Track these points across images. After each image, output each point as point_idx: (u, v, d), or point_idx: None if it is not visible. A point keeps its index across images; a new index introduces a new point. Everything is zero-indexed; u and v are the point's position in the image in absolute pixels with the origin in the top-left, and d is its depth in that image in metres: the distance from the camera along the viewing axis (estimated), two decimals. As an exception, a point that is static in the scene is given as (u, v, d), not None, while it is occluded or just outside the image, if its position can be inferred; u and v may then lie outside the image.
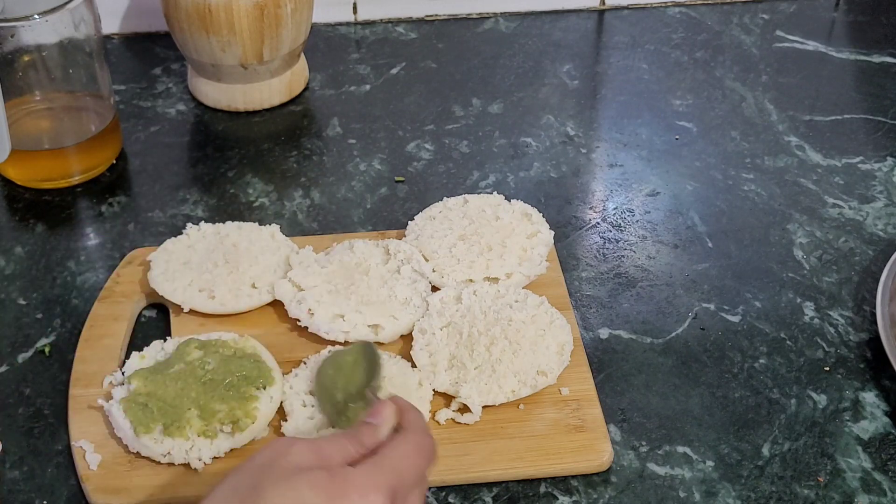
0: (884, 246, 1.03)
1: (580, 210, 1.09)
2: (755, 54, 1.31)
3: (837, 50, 1.31)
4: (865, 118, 1.20)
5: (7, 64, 1.04)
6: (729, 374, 0.91)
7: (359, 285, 0.94)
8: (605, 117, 1.22)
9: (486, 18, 1.38)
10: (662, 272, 1.01)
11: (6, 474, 0.84)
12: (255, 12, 1.13)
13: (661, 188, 1.11)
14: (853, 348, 0.93)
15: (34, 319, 0.96)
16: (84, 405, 0.87)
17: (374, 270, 0.95)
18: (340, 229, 1.06)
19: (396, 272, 0.95)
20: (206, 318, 0.94)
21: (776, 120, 1.20)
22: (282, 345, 0.92)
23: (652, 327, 0.96)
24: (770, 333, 0.95)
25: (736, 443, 0.86)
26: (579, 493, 0.82)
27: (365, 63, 1.30)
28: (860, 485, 0.83)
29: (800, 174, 1.12)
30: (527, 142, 1.18)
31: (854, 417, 0.88)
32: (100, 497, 0.81)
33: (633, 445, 0.86)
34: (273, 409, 0.85)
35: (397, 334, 0.92)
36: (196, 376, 0.85)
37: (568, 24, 1.37)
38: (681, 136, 1.18)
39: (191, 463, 0.82)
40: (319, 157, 1.16)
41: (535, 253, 0.97)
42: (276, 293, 0.94)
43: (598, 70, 1.29)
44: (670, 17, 1.38)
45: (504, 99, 1.24)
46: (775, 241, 1.04)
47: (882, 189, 1.10)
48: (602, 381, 0.90)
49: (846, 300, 0.98)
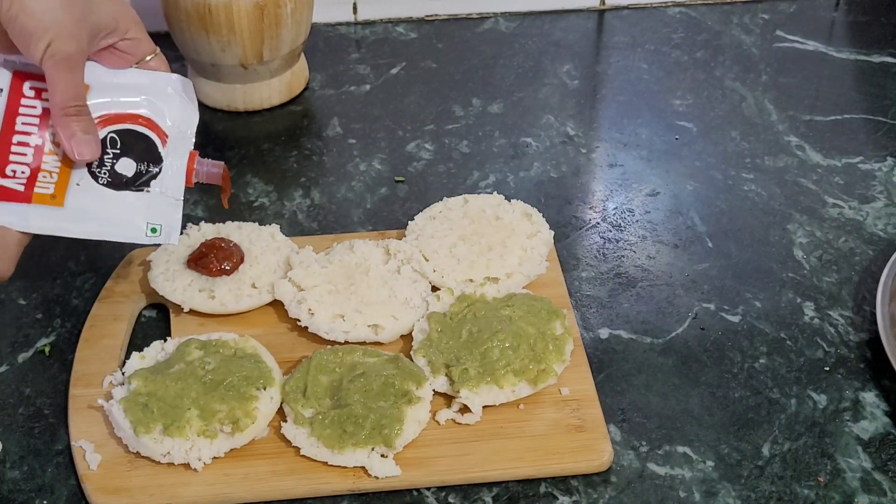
0: (884, 246, 1.03)
1: (580, 210, 1.09)
2: (755, 54, 1.31)
3: (837, 50, 1.31)
4: (865, 118, 1.20)
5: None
6: (729, 374, 0.91)
7: (359, 285, 0.94)
8: (605, 117, 1.22)
9: (486, 18, 1.38)
10: (662, 272, 1.01)
11: (6, 474, 0.84)
12: (255, 12, 1.13)
13: (661, 188, 1.11)
14: (853, 348, 0.93)
15: (34, 319, 0.96)
16: (84, 405, 0.87)
17: (375, 270, 0.95)
18: (340, 229, 1.06)
19: (396, 272, 0.96)
20: (206, 318, 0.94)
21: (776, 120, 1.20)
22: (282, 345, 0.92)
23: (652, 327, 0.96)
24: (770, 333, 0.95)
25: (736, 443, 0.86)
26: (579, 493, 0.82)
27: (365, 63, 1.31)
28: (860, 485, 0.83)
29: (800, 174, 1.12)
30: (527, 142, 1.18)
31: (854, 417, 0.88)
32: (100, 497, 0.81)
33: (633, 445, 0.86)
34: (273, 409, 0.85)
35: (397, 334, 0.92)
36: (196, 376, 0.85)
37: (568, 24, 1.37)
38: (681, 136, 1.18)
39: (191, 463, 0.82)
40: (319, 157, 1.16)
41: (536, 253, 0.97)
42: (276, 293, 0.94)
43: (598, 70, 1.29)
44: (670, 17, 1.38)
45: (504, 99, 1.24)
46: (775, 241, 1.04)
47: (882, 189, 1.10)
48: (602, 381, 0.90)
49: (846, 300, 0.98)
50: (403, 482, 0.82)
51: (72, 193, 0.83)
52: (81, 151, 0.81)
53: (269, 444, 0.84)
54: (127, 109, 0.86)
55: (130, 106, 0.86)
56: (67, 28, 0.79)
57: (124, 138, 0.85)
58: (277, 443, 0.84)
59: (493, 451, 0.84)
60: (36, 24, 0.78)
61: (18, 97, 0.84)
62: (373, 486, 0.82)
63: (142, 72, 0.87)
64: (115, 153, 0.84)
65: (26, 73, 0.83)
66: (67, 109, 0.81)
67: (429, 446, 0.84)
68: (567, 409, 0.87)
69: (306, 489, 0.82)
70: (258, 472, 0.82)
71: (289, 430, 0.84)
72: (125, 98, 0.86)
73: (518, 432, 0.85)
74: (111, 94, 0.86)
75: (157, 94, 0.87)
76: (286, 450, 0.84)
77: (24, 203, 0.82)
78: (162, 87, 0.87)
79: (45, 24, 0.78)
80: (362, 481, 0.82)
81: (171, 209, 0.85)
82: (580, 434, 0.85)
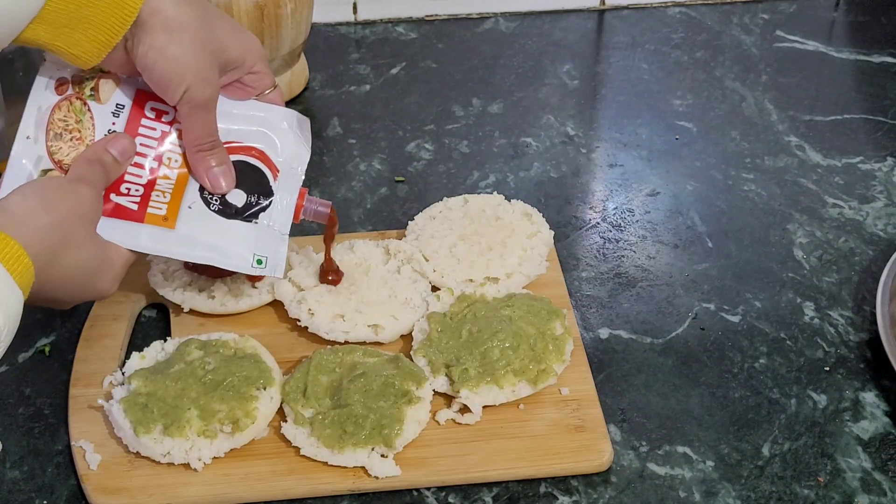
0: (884, 246, 1.03)
1: (580, 210, 1.09)
2: (755, 54, 1.31)
3: (837, 50, 1.31)
4: (865, 118, 1.20)
5: (7, 64, 1.04)
6: (729, 374, 0.91)
7: (359, 285, 0.94)
8: (605, 117, 1.22)
9: (486, 18, 1.38)
10: (662, 272, 1.01)
11: (6, 474, 0.84)
12: (255, 12, 1.13)
13: (661, 188, 1.11)
14: (853, 348, 0.93)
15: (34, 319, 0.96)
16: (84, 405, 0.87)
17: (375, 270, 0.95)
18: (341, 229, 1.06)
19: (396, 272, 0.96)
20: (206, 318, 0.94)
21: (776, 120, 1.20)
22: (282, 345, 0.92)
23: (652, 327, 0.96)
24: (770, 333, 0.95)
25: (736, 443, 0.86)
26: (579, 493, 0.82)
27: (365, 63, 1.31)
28: (860, 485, 0.83)
29: (800, 174, 1.12)
30: (527, 142, 1.18)
31: (854, 417, 0.88)
32: (100, 497, 0.81)
33: (633, 445, 0.86)
34: (273, 409, 0.85)
35: (397, 334, 0.92)
36: (196, 376, 0.85)
37: (568, 24, 1.37)
38: (681, 136, 1.18)
39: (191, 463, 0.82)
40: (319, 157, 1.16)
41: (536, 253, 0.97)
42: (276, 293, 0.94)
43: (598, 70, 1.29)
44: (670, 17, 1.38)
45: (504, 99, 1.24)
46: (775, 241, 1.04)
47: (882, 189, 1.10)
48: (602, 381, 0.90)
49: (846, 300, 0.98)
50: (403, 482, 0.82)
51: (183, 217, 0.84)
52: (219, 183, 0.85)
53: (269, 444, 0.84)
54: (243, 141, 0.87)
55: (246, 138, 0.87)
56: (203, 73, 0.81)
57: (238, 169, 0.86)
58: (277, 443, 0.84)
59: (493, 451, 0.84)
60: (173, 72, 0.80)
61: (139, 117, 0.85)
62: (373, 486, 0.82)
63: (260, 104, 0.89)
64: None
65: (149, 94, 0.84)
66: (202, 146, 0.84)
67: (429, 446, 0.84)
68: (567, 409, 0.87)
69: (306, 489, 0.82)
70: (258, 472, 0.82)
71: (289, 430, 0.84)
72: (242, 130, 0.87)
73: (518, 432, 0.85)
74: (229, 125, 0.87)
75: (272, 129, 0.88)
76: (286, 450, 0.84)
77: (136, 222, 0.82)
78: (277, 122, 0.89)
79: (181, 71, 0.80)
80: (362, 481, 0.82)
81: (277, 243, 0.86)
82: (580, 434, 0.85)
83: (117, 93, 0.85)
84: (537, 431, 0.85)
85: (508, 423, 0.86)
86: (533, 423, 0.86)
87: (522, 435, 0.85)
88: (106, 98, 0.85)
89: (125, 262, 0.82)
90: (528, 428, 0.85)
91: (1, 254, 0.69)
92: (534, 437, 0.85)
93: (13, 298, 0.70)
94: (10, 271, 0.69)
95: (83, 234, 0.77)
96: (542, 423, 0.86)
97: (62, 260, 0.75)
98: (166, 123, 0.85)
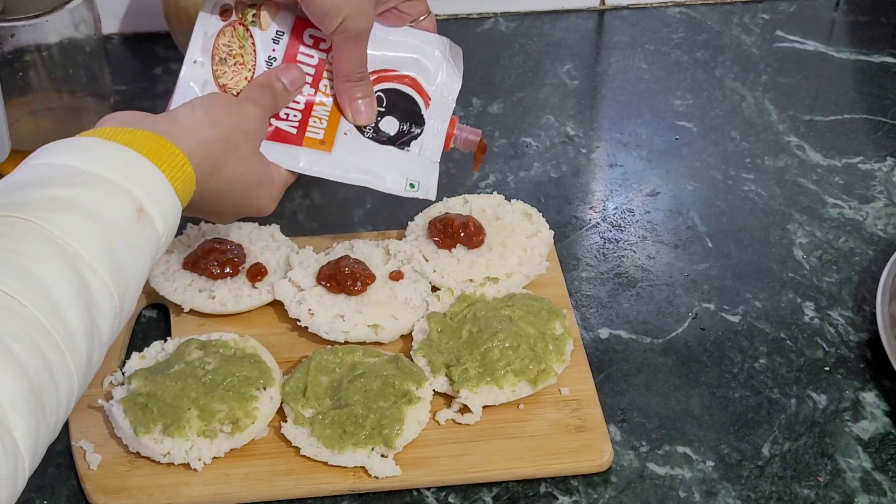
0: (884, 246, 1.03)
1: (580, 210, 1.09)
2: (755, 54, 1.31)
3: (837, 50, 1.31)
4: (865, 118, 1.20)
5: (7, 64, 1.04)
6: (729, 374, 0.91)
7: (359, 285, 0.94)
8: (605, 117, 1.22)
9: (486, 18, 1.38)
10: (662, 272, 1.01)
11: (6, 474, 0.84)
12: (255, 12, 1.13)
13: (661, 188, 1.11)
14: (853, 348, 0.93)
15: (34, 319, 0.96)
16: (84, 405, 0.87)
17: (375, 271, 0.95)
18: (340, 229, 1.06)
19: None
20: (206, 318, 0.94)
21: (776, 120, 1.20)
22: (282, 345, 0.92)
23: (652, 327, 0.96)
24: (770, 333, 0.95)
25: (736, 443, 0.86)
26: (579, 493, 0.82)
27: (365, 63, 1.30)
28: (860, 485, 0.83)
29: (800, 174, 1.12)
30: (527, 142, 1.18)
31: (854, 417, 0.88)
32: (100, 497, 0.81)
33: (633, 445, 0.86)
34: (273, 409, 0.85)
35: (397, 334, 0.92)
36: (196, 376, 0.85)
37: (568, 24, 1.37)
38: (681, 136, 1.18)
39: (191, 463, 0.82)
40: (319, 157, 1.16)
41: (536, 253, 0.97)
42: (276, 293, 0.94)
43: (598, 70, 1.29)
44: (670, 17, 1.38)
45: (504, 99, 1.24)
46: (775, 241, 1.04)
47: (882, 189, 1.10)
48: (602, 381, 0.90)
49: (846, 300, 0.98)
50: (403, 482, 0.82)
51: (339, 142, 0.85)
52: (360, 116, 0.86)
53: (269, 444, 0.84)
54: (395, 69, 0.88)
55: (399, 65, 0.88)
56: (360, 4, 0.82)
57: (390, 97, 0.87)
58: (277, 443, 0.84)
59: (493, 451, 0.84)
60: (332, 2, 0.81)
61: (298, 44, 0.86)
62: (373, 486, 0.82)
63: (413, 31, 0.89)
64: (380, 111, 0.87)
65: (306, 22, 0.85)
66: (351, 76, 0.85)
67: (429, 446, 0.84)
68: (567, 409, 0.87)
69: (306, 489, 0.82)
70: (258, 472, 0.82)
71: (289, 430, 0.84)
72: (397, 57, 0.88)
73: (518, 432, 0.85)
74: (384, 52, 0.87)
75: (425, 56, 0.88)
76: (286, 450, 0.84)
77: (295, 145, 0.84)
78: (430, 50, 0.89)
79: (339, 2, 0.81)
80: (362, 481, 0.82)
81: (429, 170, 0.87)
82: (580, 434, 0.85)
83: (277, 20, 0.86)
84: (537, 431, 0.85)
85: (508, 423, 0.86)
86: (533, 423, 0.86)
87: (522, 435, 0.85)
88: (267, 25, 0.86)
89: (284, 181, 0.84)
90: (528, 428, 0.85)
91: (164, 161, 0.69)
92: (534, 437, 0.85)
93: (173, 205, 0.69)
94: (170, 179, 0.69)
95: (245, 150, 0.78)
96: (542, 423, 0.86)
97: (223, 173, 0.76)
98: (323, 51, 0.86)
